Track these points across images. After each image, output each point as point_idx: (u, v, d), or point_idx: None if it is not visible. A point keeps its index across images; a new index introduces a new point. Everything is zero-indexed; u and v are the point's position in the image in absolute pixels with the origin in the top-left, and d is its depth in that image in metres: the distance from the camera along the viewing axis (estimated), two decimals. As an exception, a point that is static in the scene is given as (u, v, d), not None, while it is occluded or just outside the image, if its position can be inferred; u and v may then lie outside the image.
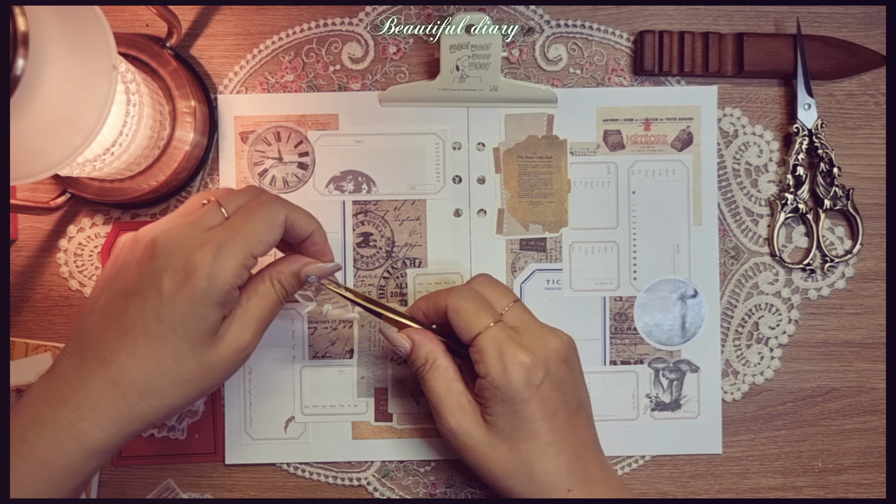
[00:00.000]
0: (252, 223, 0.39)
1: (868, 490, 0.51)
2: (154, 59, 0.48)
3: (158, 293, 0.37)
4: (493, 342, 0.41)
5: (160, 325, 0.37)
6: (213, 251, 0.37)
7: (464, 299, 0.43)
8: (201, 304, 0.37)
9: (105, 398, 0.37)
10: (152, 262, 0.38)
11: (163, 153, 0.47)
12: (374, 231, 0.51)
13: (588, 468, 0.43)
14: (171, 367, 0.38)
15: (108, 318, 0.38)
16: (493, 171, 0.51)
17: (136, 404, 0.38)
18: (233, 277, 0.38)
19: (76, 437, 0.37)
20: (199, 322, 0.38)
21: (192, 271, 0.37)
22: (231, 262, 0.38)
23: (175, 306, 0.37)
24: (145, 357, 0.37)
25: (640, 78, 0.51)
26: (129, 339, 0.37)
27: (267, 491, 0.51)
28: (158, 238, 0.38)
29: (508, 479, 0.42)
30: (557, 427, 0.42)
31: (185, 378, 0.38)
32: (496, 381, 0.41)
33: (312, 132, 0.51)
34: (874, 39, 0.51)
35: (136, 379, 0.38)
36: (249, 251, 0.38)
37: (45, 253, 0.51)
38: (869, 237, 0.51)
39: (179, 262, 0.37)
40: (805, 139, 0.50)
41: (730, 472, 0.51)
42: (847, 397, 0.51)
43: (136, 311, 0.37)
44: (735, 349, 0.51)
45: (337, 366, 0.51)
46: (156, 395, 0.38)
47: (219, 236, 0.38)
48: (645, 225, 0.51)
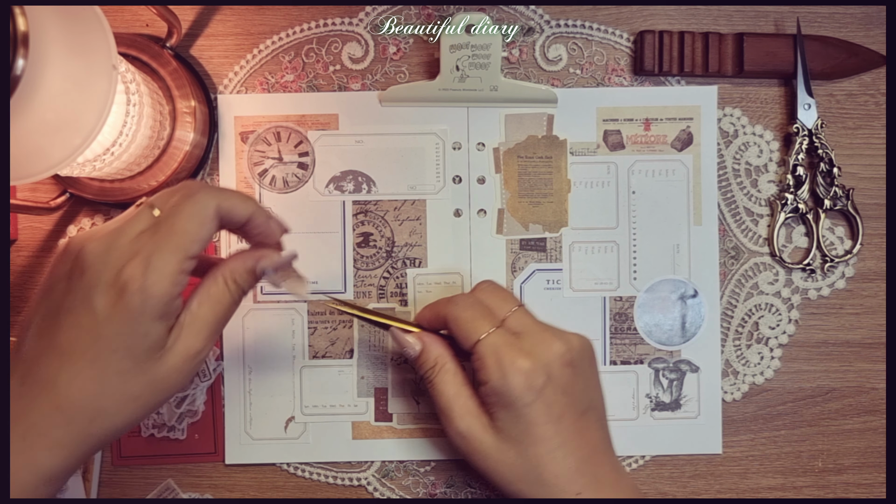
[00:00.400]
0: (180, 223, 0.35)
1: (868, 490, 0.51)
2: (154, 59, 0.48)
3: (92, 313, 0.35)
4: (490, 349, 0.41)
5: (98, 345, 0.35)
6: (144, 262, 0.34)
7: (462, 308, 0.43)
8: (139, 320, 0.35)
9: (52, 426, 0.35)
10: (82, 278, 0.35)
11: (163, 153, 0.47)
12: (374, 231, 0.51)
13: (599, 471, 0.42)
14: (116, 387, 0.35)
15: (43, 339, 0.36)
16: (493, 171, 0.51)
17: (85, 428, 0.36)
18: (169, 287, 0.35)
19: (28, 464, 0.35)
20: (139, 339, 0.35)
21: (124, 287, 0.34)
22: (165, 272, 0.35)
23: (112, 326, 0.34)
24: (88, 379, 0.35)
25: (640, 78, 0.51)
26: (67, 361, 0.35)
27: (267, 491, 0.51)
28: (86, 250, 0.35)
29: (518, 483, 0.42)
30: (565, 430, 0.42)
31: (133, 395, 0.36)
32: (496, 388, 0.41)
33: (312, 132, 0.51)
34: (874, 39, 0.51)
35: (82, 403, 0.35)
36: (183, 254, 0.35)
37: (45, 253, 0.51)
38: (869, 237, 0.51)
39: (110, 277, 0.34)
40: (805, 139, 0.50)
41: (730, 472, 0.51)
42: (847, 397, 0.51)
43: (72, 331, 0.35)
44: (735, 349, 0.51)
45: (337, 366, 0.51)
46: (105, 416, 0.36)
47: (148, 244, 0.35)
48: (645, 225, 0.51)
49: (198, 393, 0.50)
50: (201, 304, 0.38)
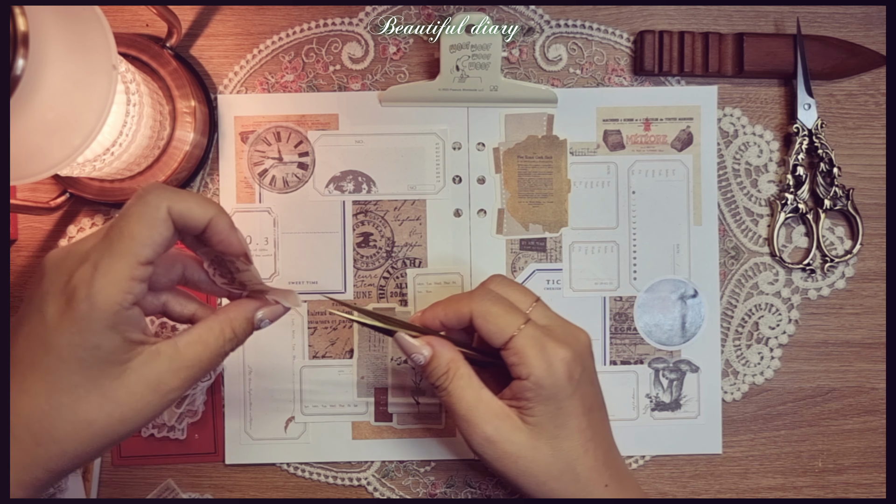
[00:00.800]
0: (129, 226, 0.32)
1: (868, 490, 0.51)
2: (154, 59, 0.48)
3: (42, 321, 0.32)
4: (533, 341, 0.40)
5: (48, 357, 0.32)
6: (92, 267, 0.32)
7: (490, 303, 0.41)
8: (88, 330, 0.32)
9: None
10: (38, 287, 0.33)
11: (163, 153, 0.47)
12: (374, 231, 0.51)
13: (617, 463, 0.43)
14: (67, 405, 0.32)
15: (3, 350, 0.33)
16: (493, 171, 0.51)
17: (31, 450, 0.32)
18: (118, 294, 0.32)
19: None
20: (90, 351, 0.32)
21: (72, 294, 0.32)
22: (113, 278, 0.32)
23: (61, 335, 0.32)
24: (37, 394, 0.32)
25: (640, 78, 0.51)
26: (17, 373, 0.32)
27: (267, 491, 0.51)
28: (46, 259, 0.34)
29: (552, 482, 0.40)
30: (595, 422, 0.42)
31: (87, 419, 0.33)
32: (541, 380, 0.39)
33: (312, 132, 0.51)
34: (874, 39, 0.51)
35: (28, 420, 0.32)
36: (133, 259, 0.32)
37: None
38: (869, 237, 0.51)
39: (61, 283, 0.32)
40: (805, 139, 0.50)
41: (730, 472, 0.51)
42: (847, 397, 0.51)
43: (24, 341, 0.33)
44: (735, 349, 0.51)
45: (337, 366, 0.51)
46: (54, 440, 0.33)
47: (98, 249, 0.32)
48: (645, 225, 0.51)
49: (198, 393, 0.50)
50: (190, 345, 0.35)
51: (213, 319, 0.36)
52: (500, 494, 0.51)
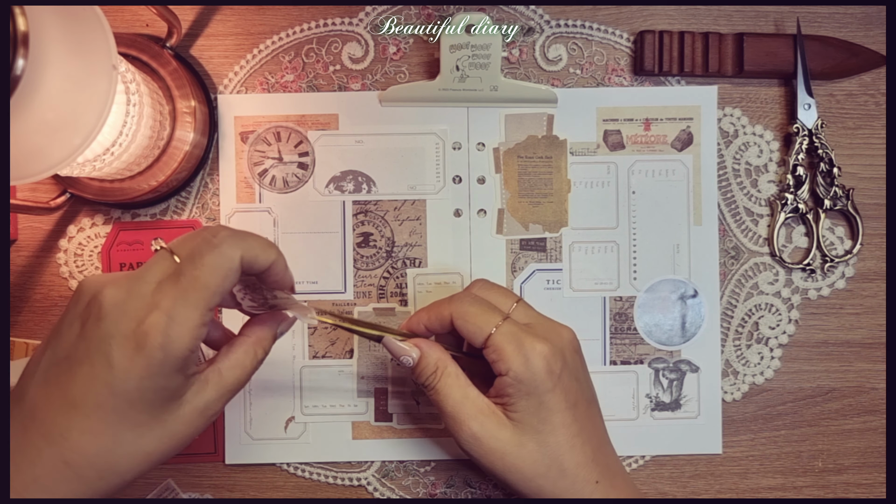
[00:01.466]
0: (205, 276, 0.34)
1: (868, 490, 0.51)
2: (154, 59, 0.48)
3: (108, 365, 0.33)
4: (509, 337, 0.40)
5: (115, 399, 0.33)
6: (167, 315, 0.33)
7: (468, 304, 0.42)
8: (159, 374, 0.33)
9: (57, 481, 0.33)
10: (98, 327, 0.33)
11: (163, 153, 0.47)
12: (374, 231, 0.51)
13: (609, 460, 0.43)
14: (131, 442, 0.34)
15: (51, 387, 0.34)
16: (493, 171, 0.51)
17: (93, 484, 0.34)
18: (190, 342, 0.33)
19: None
20: (158, 393, 0.34)
21: (144, 341, 0.33)
22: (187, 326, 0.33)
23: (130, 381, 0.33)
24: (101, 433, 0.33)
25: (640, 78, 0.51)
26: (79, 414, 0.33)
27: (267, 491, 0.51)
28: (104, 296, 0.34)
29: (539, 479, 0.41)
30: (580, 417, 0.42)
31: (147, 451, 0.35)
32: (519, 375, 0.40)
33: (312, 132, 0.51)
34: (874, 39, 0.51)
35: (93, 459, 0.33)
36: (205, 306, 0.34)
37: (45, 253, 0.51)
38: (869, 237, 0.51)
39: (129, 329, 0.33)
40: (805, 139, 0.50)
41: (730, 472, 0.51)
42: (847, 397, 0.51)
43: (85, 382, 0.33)
44: (735, 349, 0.51)
45: (337, 366, 0.51)
46: (116, 474, 0.34)
47: (169, 297, 0.33)
48: (645, 225, 0.51)
49: (198, 393, 0.50)
50: (231, 369, 0.37)
51: (245, 342, 0.38)
52: (499, 494, 0.51)
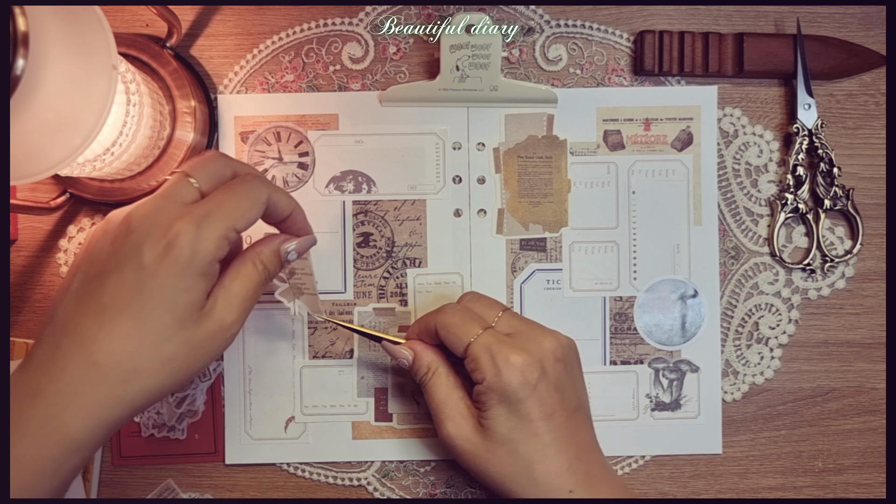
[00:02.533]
0: (235, 199, 0.38)
1: (868, 490, 0.51)
2: (154, 59, 0.48)
3: (139, 266, 0.35)
4: (483, 348, 0.42)
5: (142, 299, 0.35)
6: (196, 221, 0.36)
7: (450, 315, 0.44)
8: (185, 274, 0.36)
9: (85, 384, 0.35)
10: (128, 238, 0.36)
11: (163, 153, 0.47)
12: (374, 231, 0.51)
13: (590, 469, 0.43)
14: (154, 345, 0.36)
15: (83, 299, 0.36)
16: (493, 171, 0.51)
17: (118, 388, 0.36)
18: (215, 248, 0.36)
19: (57, 430, 0.35)
20: (182, 294, 0.36)
21: (174, 241, 0.35)
22: (214, 233, 0.36)
23: (158, 278, 0.35)
24: (127, 334, 0.35)
25: (640, 78, 0.51)
26: (107, 316, 0.35)
27: (267, 491, 0.51)
28: (133, 214, 0.37)
29: (509, 483, 0.42)
30: (556, 427, 0.42)
31: (169, 356, 0.36)
32: (492, 384, 0.42)
33: (312, 132, 0.51)
34: (874, 39, 0.51)
35: (119, 359, 0.35)
36: (232, 224, 0.37)
37: (45, 253, 0.51)
38: (869, 237, 0.51)
39: (159, 232, 0.36)
40: (805, 139, 0.50)
41: (730, 472, 0.51)
42: (847, 397, 0.51)
43: (115, 287, 0.36)
44: (735, 349, 0.51)
45: (337, 366, 0.51)
46: (139, 377, 0.36)
47: (200, 209, 0.37)
48: (645, 225, 0.51)
49: (198, 393, 0.50)
50: (233, 280, 0.39)
51: (243, 256, 0.40)
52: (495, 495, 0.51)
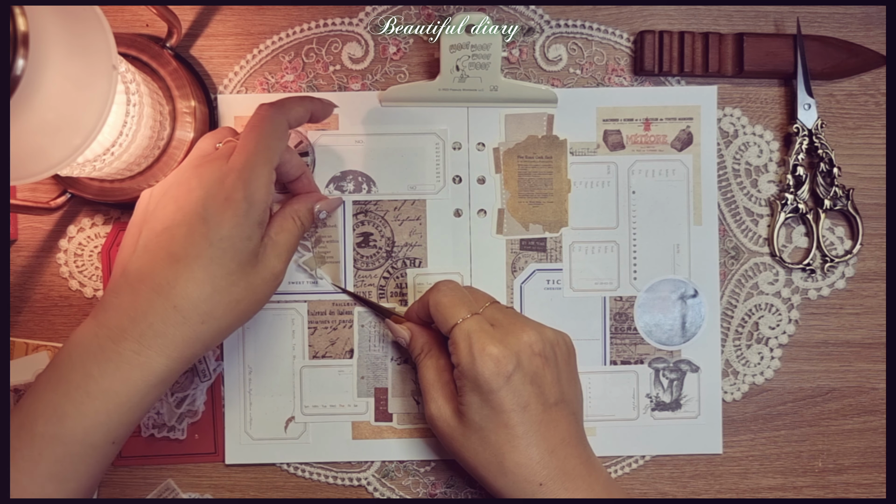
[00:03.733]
0: (264, 140, 0.42)
1: (868, 490, 0.51)
2: (154, 59, 0.48)
3: (204, 220, 0.40)
4: (464, 334, 0.43)
5: (212, 249, 0.40)
6: (242, 176, 0.40)
7: (442, 294, 0.45)
8: (245, 224, 0.40)
9: (168, 325, 0.39)
10: (190, 197, 0.40)
11: (163, 153, 0.47)
12: (374, 231, 0.51)
13: (566, 464, 0.42)
14: (225, 289, 0.40)
15: (154, 252, 0.40)
16: (493, 171, 0.51)
17: (196, 327, 0.40)
18: (266, 195, 0.41)
19: (142, 366, 0.39)
20: (245, 242, 0.41)
21: (231, 196, 0.40)
22: (262, 181, 0.41)
23: (223, 230, 0.40)
24: (202, 281, 0.40)
25: (640, 78, 0.51)
26: (182, 265, 0.40)
27: (267, 491, 0.51)
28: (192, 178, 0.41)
29: (481, 469, 0.43)
30: (529, 420, 0.42)
31: (237, 299, 0.41)
32: (465, 370, 0.42)
33: (312, 132, 0.51)
34: (874, 39, 0.51)
35: (197, 303, 0.40)
36: (270, 165, 0.42)
37: (45, 253, 0.51)
38: (869, 237, 0.51)
39: (217, 192, 0.40)
40: (805, 139, 0.50)
41: (730, 472, 0.51)
42: (847, 397, 0.51)
43: (185, 239, 0.40)
44: (735, 349, 0.51)
45: (337, 366, 0.51)
46: (214, 318, 0.41)
47: (238, 160, 0.41)
48: (645, 225, 0.51)
49: (198, 393, 0.50)
50: (278, 233, 0.44)
51: (282, 212, 0.45)
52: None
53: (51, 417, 0.38)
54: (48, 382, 0.39)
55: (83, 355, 0.39)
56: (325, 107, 0.47)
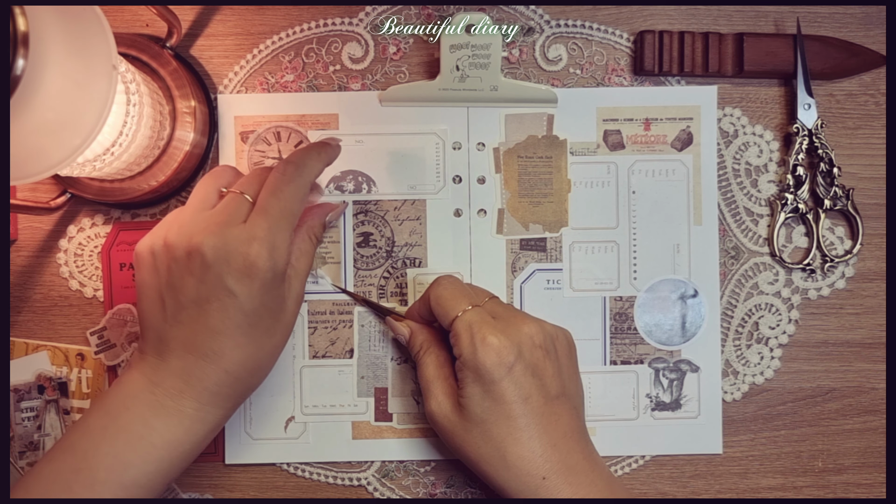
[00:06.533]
0: (288, 205, 0.42)
1: (868, 490, 0.51)
2: (154, 59, 0.48)
3: (233, 296, 0.41)
4: (466, 325, 0.43)
5: (247, 318, 0.41)
6: (266, 245, 0.41)
7: (443, 288, 0.45)
8: (272, 288, 0.42)
9: (223, 385, 0.42)
10: (210, 272, 0.41)
11: (163, 153, 0.47)
12: (374, 231, 0.51)
13: (568, 458, 0.42)
14: (266, 342, 0.43)
15: (190, 326, 0.41)
16: (493, 171, 0.51)
17: (247, 381, 0.43)
18: (286, 253, 0.42)
19: (202, 419, 0.42)
20: (274, 301, 0.43)
21: (254, 268, 0.41)
22: (284, 247, 0.42)
23: (253, 301, 0.41)
24: (246, 345, 0.42)
25: (640, 78, 0.51)
26: (225, 336, 0.41)
27: (267, 491, 0.51)
28: (205, 247, 0.40)
29: (483, 464, 0.43)
30: (531, 412, 0.42)
31: (276, 345, 0.44)
32: (467, 361, 0.42)
33: (312, 132, 0.51)
34: (874, 39, 0.51)
35: (246, 364, 0.43)
36: (291, 228, 0.43)
37: (45, 253, 0.51)
38: (869, 237, 0.51)
39: (238, 264, 0.40)
40: (805, 139, 0.50)
41: (730, 472, 0.51)
42: (847, 397, 0.51)
43: (219, 313, 0.41)
44: (735, 349, 0.51)
45: (337, 366, 0.51)
46: (261, 368, 0.44)
47: (263, 228, 0.41)
48: (645, 225, 0.51)
49: (198, 393, 0.50)
50: (298, 259, 0.45)
51: (300, 234, 0.46)
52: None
53: (113, 466, 0.40)
54: (105, 430, 0.41)
55: (142, 409, 0.41)
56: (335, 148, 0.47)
